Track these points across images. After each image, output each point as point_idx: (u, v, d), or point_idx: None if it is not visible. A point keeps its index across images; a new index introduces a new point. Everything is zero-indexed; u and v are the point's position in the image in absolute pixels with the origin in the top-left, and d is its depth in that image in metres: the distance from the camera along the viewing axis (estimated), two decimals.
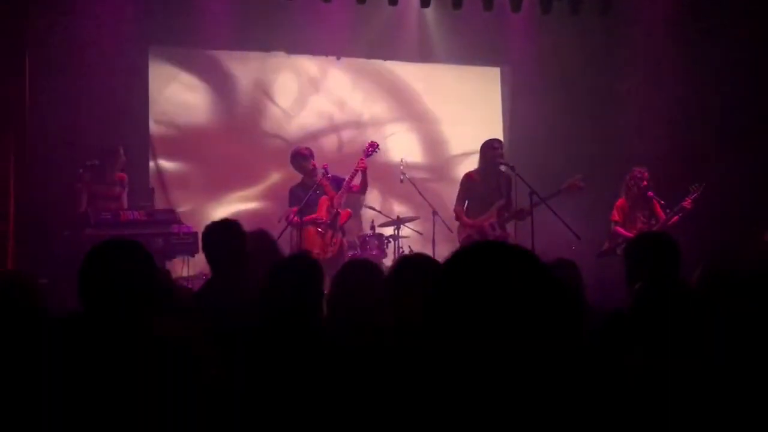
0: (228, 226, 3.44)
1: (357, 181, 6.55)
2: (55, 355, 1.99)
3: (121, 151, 6.52)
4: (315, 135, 8.10)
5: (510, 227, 6.50)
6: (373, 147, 6.67)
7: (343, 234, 6.54)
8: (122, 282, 2.12)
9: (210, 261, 3.40)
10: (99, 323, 2.08)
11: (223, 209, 7.77)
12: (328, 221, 6.43)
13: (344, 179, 6.60)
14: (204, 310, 2.94)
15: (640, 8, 7.79)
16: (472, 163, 6.90)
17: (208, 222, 3.59)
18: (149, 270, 2.21)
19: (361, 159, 6.55)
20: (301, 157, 6.64)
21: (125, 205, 6.53)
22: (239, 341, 2.32)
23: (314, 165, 6.56)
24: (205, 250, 3.42)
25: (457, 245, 6.64)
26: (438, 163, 8.59)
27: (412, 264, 2.47)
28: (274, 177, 8.01)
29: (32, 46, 6.53)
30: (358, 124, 8.44)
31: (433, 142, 8.67)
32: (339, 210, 6.46)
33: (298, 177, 6.78)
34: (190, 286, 5.39)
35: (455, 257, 1.28)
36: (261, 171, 8.06)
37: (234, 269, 3.26)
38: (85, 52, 6.94)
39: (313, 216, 6.42)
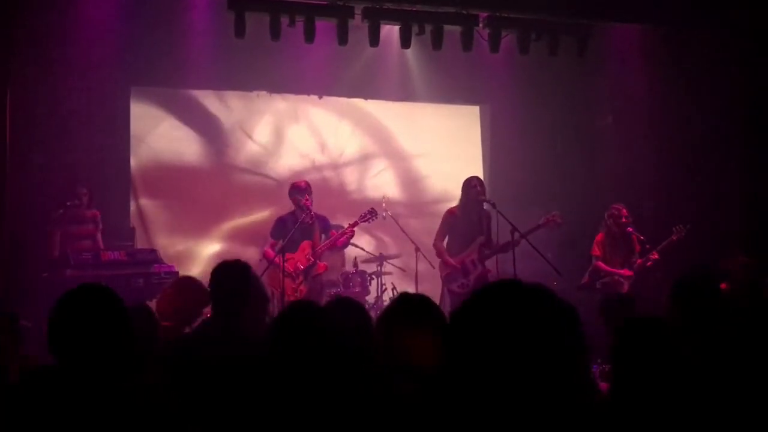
0: (241, 268, 3.35)
1: (343, 239, 6.59)
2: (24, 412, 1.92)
3: (80, 188, 6.45)
4: (297, 173, 8.12)
5: (492, 263, 6.53)
6: (372, 214, 6.64)
7: (314, 284, 6.49)
8: (92, 335, 2.01)
9: (215, 300, 3.31)
10: (71, 379, 1.98)
11: (204, 248, 7.72)
12: (305, 269, 6.43)
13: (329, 221, 6.66)
14: (197, 357, 2.90)
15: (616, 48, 7.98)
16: (453, 200, 6.95)
17: (188, 261, 3.55)
18: (121, 320, 2.08)
19: (356, 222, 6.58)
20: (296, 189, 6.60)
21: (101, 243, 6.48)
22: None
23: (308, 200, 6.49)
24: (213, 287, 3.33)
25: (439, 282, 6.69)
26: (420, 200, 8.65)
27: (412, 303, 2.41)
28: (255, 215, 8.00)
29: (14, 84, 6.51)
30: (339, 162, 8.49)
31: (414, 179, 8.74)
32: (318, 260, 6.47)
33: (280, 213, 6.80)
34: None
35: (474, 300, 1.30)
36: (242, 210, 8.04)
37: (240, 311, 3.21)
38: (67, 92, 6.95)
39: (291, 269, 6.37)
